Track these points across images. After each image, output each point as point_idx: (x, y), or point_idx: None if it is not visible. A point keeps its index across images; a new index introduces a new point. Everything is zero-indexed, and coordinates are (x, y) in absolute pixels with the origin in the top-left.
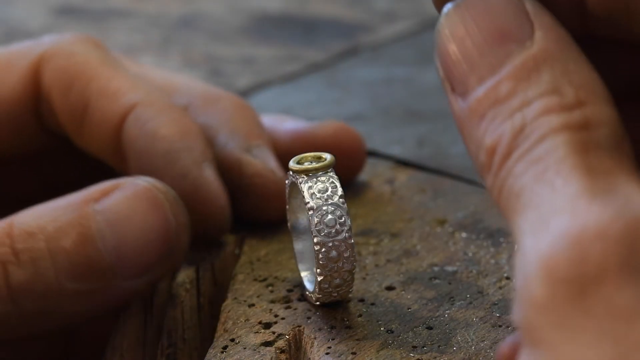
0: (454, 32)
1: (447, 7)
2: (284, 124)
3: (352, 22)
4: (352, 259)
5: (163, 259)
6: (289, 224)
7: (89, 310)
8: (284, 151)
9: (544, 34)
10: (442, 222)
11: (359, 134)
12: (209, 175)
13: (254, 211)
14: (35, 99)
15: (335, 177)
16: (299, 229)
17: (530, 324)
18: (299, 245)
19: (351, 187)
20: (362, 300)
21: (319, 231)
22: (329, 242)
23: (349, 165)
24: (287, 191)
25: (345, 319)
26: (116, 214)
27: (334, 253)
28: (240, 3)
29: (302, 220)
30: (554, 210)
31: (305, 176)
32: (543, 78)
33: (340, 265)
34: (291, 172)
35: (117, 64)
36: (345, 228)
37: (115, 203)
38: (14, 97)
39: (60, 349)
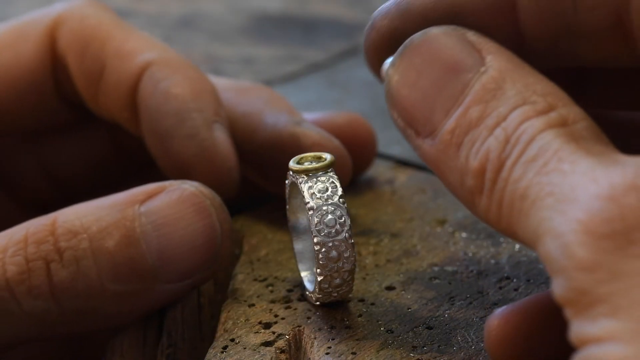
0: (405, 79)
1: (390, 59)
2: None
3: (352, 22)
4: (352, 259)
5: (206, 264)
6: (289, 224)
7: (129, 312)
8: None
9: (495, 57)
10: (442, 222)
11: (370, 126)
12: (219, 137)
13: None
14: (53, 65)
15: (335, 177)
16: (299, 229)
17: (581, 289)
18: (299, 245)
19: (351, 187)
20: (362, 300)
21: (319, 231)
22: (329, 242)
23: (360, 157)
24: (287, 191)
25: (345, 319)
26: (162, 217)
27: (334, 253)
28: (240, 3)
29: (302, 220)
30: (573, 187)
31: (305, 176)
32: (509, 94)
33: (340, 265)
34: (291, 172)
35: (130, 26)
36: (345, 228)
37: (161, 206)
38: (31, 65)
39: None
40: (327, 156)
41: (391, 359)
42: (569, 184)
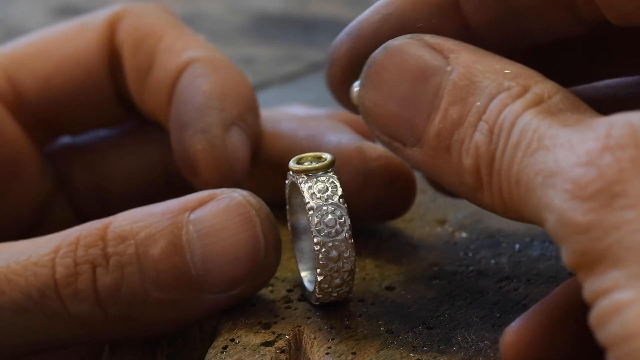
0: (378, 95)
1: (357, 82)
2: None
3: (352, 22)
4: (352, 259)
5: (251, 276)
6: (289, 224)
7: (173, 321)
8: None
9: (457, 54)
10: (442, 222)
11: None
12: (232, 137)
13: (378, 201)
14: (110, 57)
15: (335, 177)
16: (299, 229)
17: (583, 250)
18: (299, 245)
19: None
20: (362, 300)
21: (319, 231)
22: (329, 242)
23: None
24: (287, 191)
25: (345, 319)
26: (208, 226)
27: (334, 253)
28: (240, 3)
29: (302, 220)
30: (556, 160)
31: (305, 176)
32: (482, 86)
33: (340, 265)
34: (291, 172)
35: (186, 28)
36: (345, 228)
37: (209, 215)
38: (90, 57)
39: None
40: (327, 156)
41: (391, 359)
42: (552, 159)
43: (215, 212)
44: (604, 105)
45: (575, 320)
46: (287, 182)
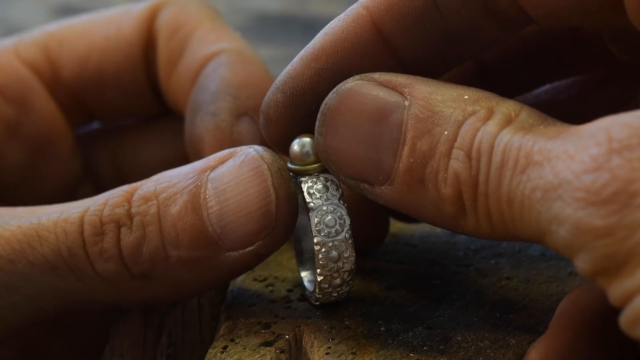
0: (339, 141)
1: (315, 132)
2: None
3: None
4: (352, 259)
5: (265, 231)
6: None
7: (196, 281)
8: None
9: (411, 88)
10: None
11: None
12: (241, 124)
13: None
14: (146, 42)
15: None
16: (299, 229)
17: (607, 255)
18: (299, 246)
19: None
20: (362, 300)
21: (319, 231)
22: (329, 242)
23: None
24: None
25: (345, 319)
26: (224, 183)
27: (334, 253)
28: (240, 3)
29: (303, 220)
30: (555, 173)
31: (305, 176)
32: (445, 115)
33: (340, 265)
34: (291, 173)
35: (224, 22)
36: (345, 228)
37: (226, 172)
38: (129, 39)
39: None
40: None
41: (391, 358)
42: (550, 172)
43: (232, 169)
44: (549, 111)
45: (597, 332)
46: None
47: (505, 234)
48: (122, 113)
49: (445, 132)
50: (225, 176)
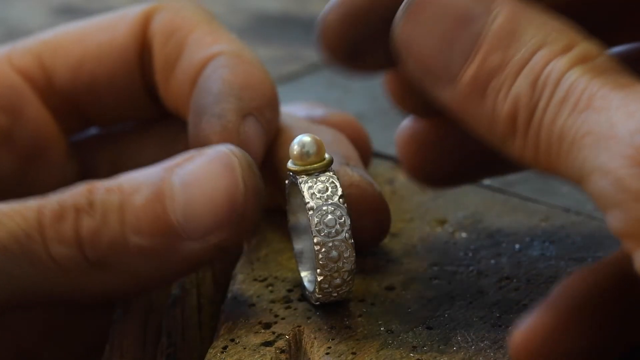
0: (416, 32)
1: (397, 18)
2: (301, 112)
3: None
4: (352, 259)
5: (229, 222)
6: (289, 224)
7: (153, 273)
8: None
9: (502, 2)
10: (442, 222)
11: (364, 130)
12: (247, 125)
13: (354, 228)
14: (141, 47)
15: (335, 177)
16: (299, 229)
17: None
18: (299, 245)
19: None
20: (362, 300)
21: (319, 231)
22: (329, 242)
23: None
24: (287, 191)
25: (345, 319)
26: (191, 176)
27: (334, 253)
28: (240, 3)
29: (302, 220)
30: (612, 124)
31: (305, 176)
32: (526, 37)
33: (340, 265)
34: (290, 172)
35: (220, 25)
36: (345, 228)
37: (193, 167)
38: (123, 45)
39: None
40: (326, 156)
41: (391, 359)
42: (605, 121)
43: (201, 164)
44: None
45: (588, 313)
46: (286, 182)
47: (547, 165)
48: (118, 118)
49: (519, 55)
50: (193, 171)
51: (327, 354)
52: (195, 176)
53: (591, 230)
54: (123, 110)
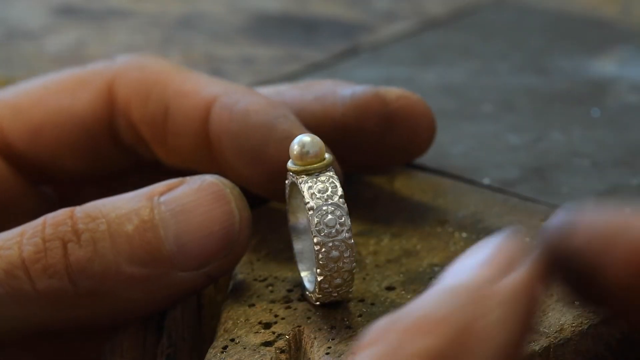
0: None
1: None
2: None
3: (352, 22)
4: (353, 259)
5: (224, 252)
6: (289, 224)
7: (145, 300)
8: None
9: None
10: (442, 222)
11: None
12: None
13: (404, 140)
14: (110, 114)
15: (335, 177)
16: (299, 229)
17: None
18: (298, 245)
19: (351, 187)
20: (362, 300)
21: (319, 231)
22: (329, 242)
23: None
24: (286, 191)
25: (345, 319)
26: (180, 205)
27: (334, 253)
28: (240, 3)
29: (302, 220)
30: None
31: (305, 176)
32: None
33: (341, 265)
34: (290, 172)
35: (189, 69)
36: (345, 228)
37: (181, 195)
38: (88, 112)
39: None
40: (326, 155)
41: None
42: None
43: (188, 192)
44: None
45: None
46: (286, 182)
47: None
48: (81, 177)
49: None
50: (181, 198)
51: (327, 354)
52: (185, 205)
53: None
54: (93, 167)
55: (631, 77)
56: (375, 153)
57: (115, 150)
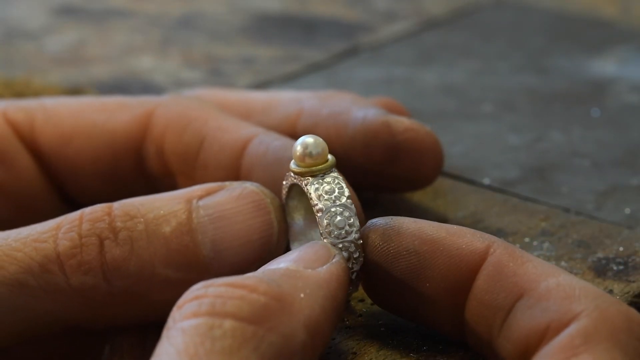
0: None
1: None
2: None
3: (352, 22)
4: (361, 259)
5: (260, 261)
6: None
7: (171, 303)
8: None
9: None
10: (442, 222)
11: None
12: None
13: (409, 171)
14: (141, 139)
15: (340, 177)
16: (295, 230)
17: None
18: (295, 247)
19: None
20: (362, 300)
21: (329, 233)
22: (339, 243)
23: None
24: (284, 192)
25: (345, 319)
26: (219, 211)
27: (344, 254)
28: (240, 3)
29: (299, 221)
30: None
31: (310, 177)
32: None
33: (350, 266)
34: (292, 174)
35: (229, 113)
36: (355, 229)
37: (220, 201)
38: (120, 133)
39: None
40: (329, 157)
41: (391, 358)
42: None
43: (227, 199)
44: None
45: None
46: (284, 183)
47: None
48: (95, 197)
49: None
50: (221, 204)
51: (328, 353)
52: (224, 211)
53: (591, 230)
54: (101, 188)
55: (631, 77)
56: (380, 179)
57: (136, 175)
